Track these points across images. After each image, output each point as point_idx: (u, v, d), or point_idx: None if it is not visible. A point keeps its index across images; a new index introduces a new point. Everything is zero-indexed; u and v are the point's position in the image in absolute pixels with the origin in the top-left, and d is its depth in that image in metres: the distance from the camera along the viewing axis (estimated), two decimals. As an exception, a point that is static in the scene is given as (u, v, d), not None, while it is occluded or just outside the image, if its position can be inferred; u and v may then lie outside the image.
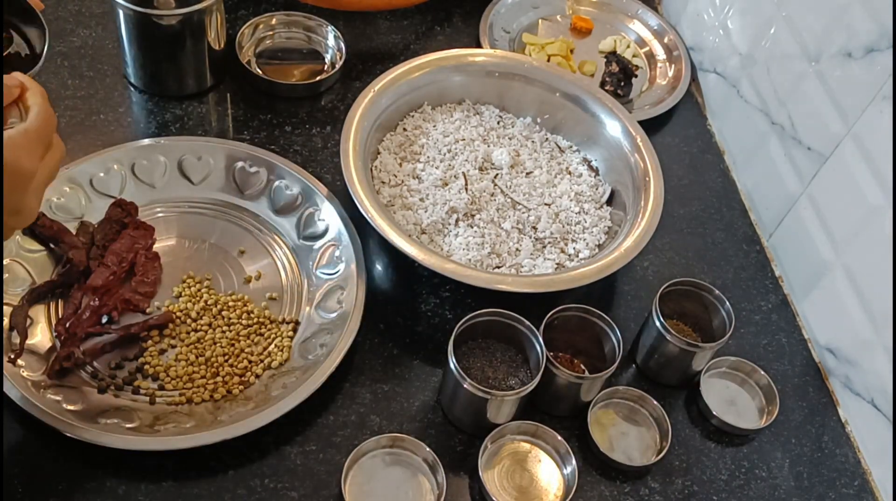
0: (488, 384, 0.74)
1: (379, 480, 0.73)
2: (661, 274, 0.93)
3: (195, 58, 0.97)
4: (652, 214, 0.87)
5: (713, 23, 1.09)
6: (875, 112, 0.80)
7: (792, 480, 0.80)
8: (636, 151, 0.93)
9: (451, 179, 0.91)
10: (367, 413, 0.78)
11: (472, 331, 0.77)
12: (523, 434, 0.77)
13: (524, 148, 0.97)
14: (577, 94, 0.98)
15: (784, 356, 0.89)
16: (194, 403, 0.75)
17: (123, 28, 0.93)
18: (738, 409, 0.83)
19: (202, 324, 0.80)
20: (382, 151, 0.94)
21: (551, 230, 0.89)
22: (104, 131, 0.94)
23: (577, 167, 0.97)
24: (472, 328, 0.76)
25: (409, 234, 0.85)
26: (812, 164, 0.89)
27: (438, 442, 0.76)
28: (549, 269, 0.87)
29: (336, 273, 0.84)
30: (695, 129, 1.09)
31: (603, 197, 0.94)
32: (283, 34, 1.08)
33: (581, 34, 1.18)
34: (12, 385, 0.71)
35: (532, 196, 0.92)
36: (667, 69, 1.14)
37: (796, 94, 0.92)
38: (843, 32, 0.84)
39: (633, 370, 0.85)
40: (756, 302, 0.93)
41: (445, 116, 0.98)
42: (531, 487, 0.75)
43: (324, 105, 1.02)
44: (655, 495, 0.77)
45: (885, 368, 0.79)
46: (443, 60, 0.97)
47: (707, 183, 1.03)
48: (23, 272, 0.80)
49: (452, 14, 1.15)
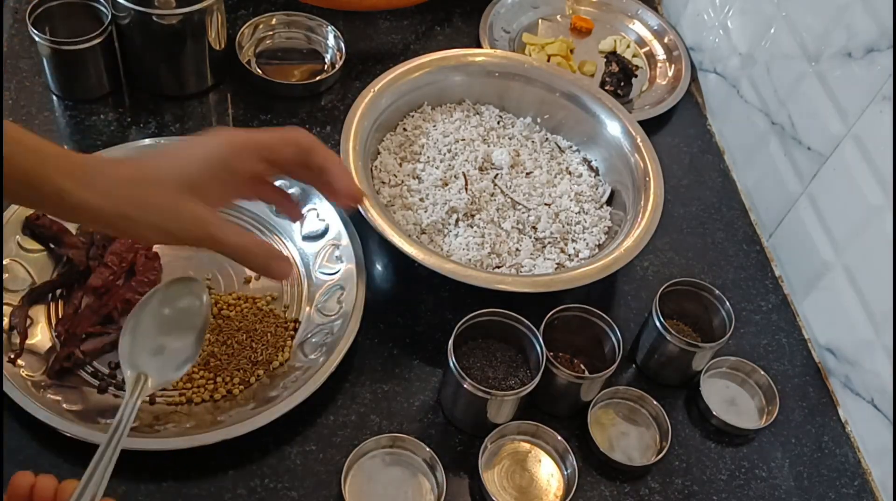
0: (488, 384, 0.74)
1: (379, 480, 0.73)
2: (661, 274, 0.93)
3: (195, 58, 0.97)
4: (652, 213, 0.87)
5: (713, 23, 1.09)
6: (875, 112, 0.80)
7: (792, 480, 0.80)
8: (636, 151, 0.93)
9: (451, 180, 0.91)
10: (367, 413, 0.78)
11: (472, 331, 0.77)
12: (523, 434, 0.77)
13: (524, 148, 0.97)
14: (577, 94, 0.98)
15: (784, 356, 0.89)
16: (194, 403, 0.75)
17: (124, 29, 0.93)
18: (738, 409, 0.83)
19: (202, 324, 0.80)
20: (382, 151, 0.94)
21: (551, 230, 0.89)
22: (104, 131, 0.94)
23: (577, 167, 0.97)
24: (472, 327, 0.76)
25: (410, 234, 0.85)
26: (812, 164, 0.89)
27: (438, 442, 0.75)
28: (550, 269, 0.87)
29: (336, 273, 0.84)
30: (695, 129, 1.09)
31: (603, 197, 0.94)
32: (283, 34, 1.08)
33: (581, 34, 1.18)
34: (12, 385, 0.71)
35: (532, 196, 0.92)
36: (667, 69, 1.14)
37: (796, 94, 0.92)
38: (843, 32, 0.84)
39: (633, 370, 0.85)
40: (756, 302, 0.93)
41: (445, 116, 0.98)
42: (531, 487, 0.75)
43: (324, 105, 1.02)
44: (655, 495, 0.77)
45: (885, 368, 0.79)
46: (443, 60, 0.97)
47: (707, 183, 1.03)
48: (23, 272, 0.80)
49: (452, 14, 1.15)
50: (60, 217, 0.77)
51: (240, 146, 0.67)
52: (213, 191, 0.66)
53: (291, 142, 0.69)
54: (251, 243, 0.67)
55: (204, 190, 0.65)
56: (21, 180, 0.60)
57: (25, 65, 0.99)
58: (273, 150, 0.69)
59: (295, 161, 0.70)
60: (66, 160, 0.62)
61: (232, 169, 0.67)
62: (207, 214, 0.65)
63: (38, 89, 0.97)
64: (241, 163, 0.67)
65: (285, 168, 0.70)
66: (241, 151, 0.67)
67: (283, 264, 0.68)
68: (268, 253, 0.68)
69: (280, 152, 0.69)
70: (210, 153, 0.66)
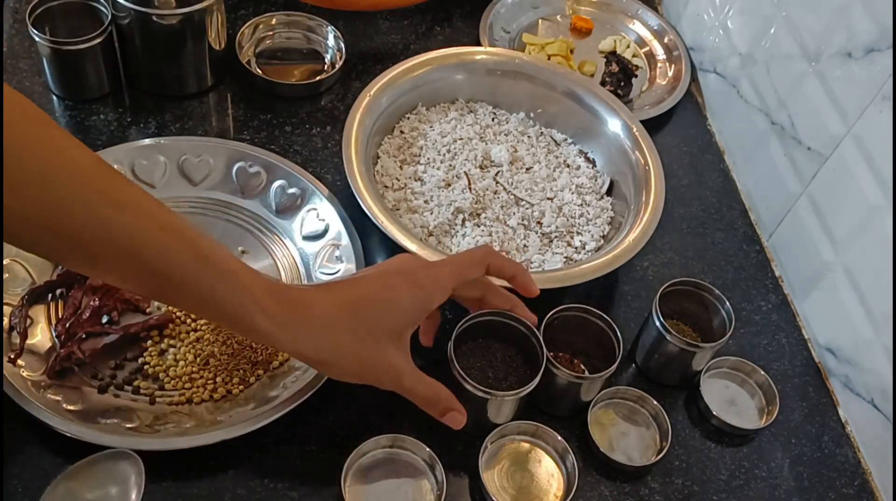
0: (488, 384, 0.74)
1: (379, 480, 0.73)
2: (661, 274, 0.93)
3: (195, 58, 0.97)
4: (655, 204, 0.88)
5: (713, 23, 1.09)
6: (875, 112, 0.80)
7: (792, 480, 0.80)
8: (632, 140, 0.94)
9: (453, 180, 0.91)
10: (367, 413, 0.78)
11: (472, 331, 0.77)
12: (523, 434, 0.77)
13: (521, 143, 0.97)
14: (570, 87, 0.98)
15: (784, 356, 0.89)
16: (194, 403, 0.75)
17: (124, 29, 0.93)
18: (738, 409, 0.83)
19: (202, 324, 0.80)
20: (382, 155, 0.94)
21: (556, 225, 0.89)
22: (104, 131, 0.94)
23: (574, 160, 0.97)
24: (472, 327, 0.76)
25: (419, 237, 0.85)
26: (812, 164, 0.89)
27: (438, 442, 0.75)
28: (559, 264, 0.87)
29: (336, 273, 0.84)
30: (695, 129, 1.09)
31: (602, 188, 0.95)
32: (283, 34, 1.08)
33: (581, 34, 1.18)
34: (12, 385, 0.71)
35: (534, 191, 0.92)
36: (667, 69, 1.14)
37: (796, 94, 0.92)
38: (843, 32, 0.84)
39: (633, 370, 0.85)
40: (756, 302, 0.93)
41: (440, 116, 0.98)
42: (531, 487, 0.75)
43: (324, 105, 1.02)
44: (655, 495, 0.77)
45: (885, 368, 0.79)
46: (433, 62, 0.97)
47: (707, 183, 1.03)
48: (23, 272, 0.80)
49: (452, 14, 1.15)
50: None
51: (442, 289, 0.69)
52: (412, 332, 0.69)
53: (478, 262, 0.72)
54: (438, 395, 0.70)
55: (407, 337, 0.68)
56: (210, 306, 0.59)
57: (25, 65, 0.99)
58: (462, 277, 0.71)
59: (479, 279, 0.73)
60: (269, 298, 0.61)
61: (431, 310, 0.70)
62: (404, 364, 0.67)
63: (38, 89, 0.97)
64: (440, 301, 0.70)
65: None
66: (443, 295, 0.69)
67: (459, 417, 0.70)
68: (448, 403, 0.70)
69: (468, 276, 0.72)
70: (422, 304, 0.68)
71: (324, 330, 0.64)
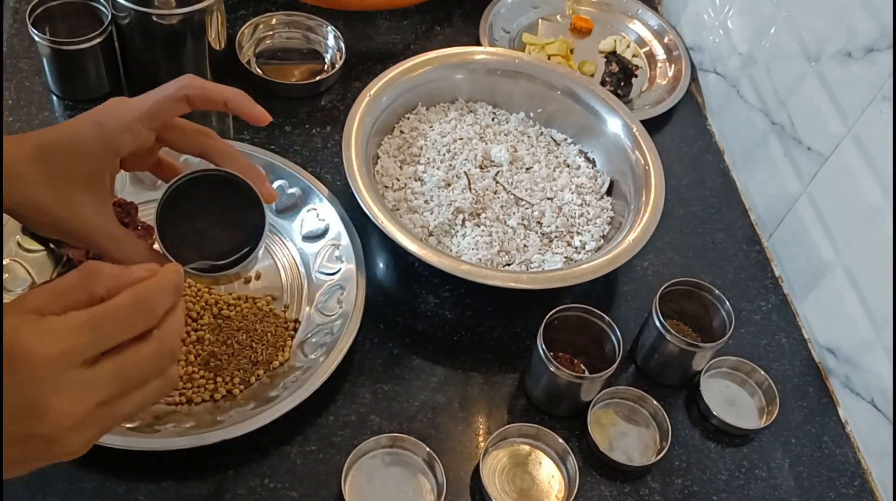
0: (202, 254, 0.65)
1: (379, 480, 0.73)
2: (661, 274, 0.93)
3: (195, 58, 0.97)
4: (655, 203, 0.88)
5: (713, 23, 1.09)
6: (875, 112, 0.80)
7: (792, 480, 0.80)
8: (632, 139, 0.94)
9: (453, 180, 0.91)
10: (367, 413, 0.78)
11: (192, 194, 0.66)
12: (524, 437, 0.77)
13: (521, 143, 0.97)
14: (570, 87, 0.98)
15: (784, 356, 0.89)
16: (194, 403, 0.75)
17: (124, 29, 0.93)
18: (738, 409, 0.83)
19: (202, 324, 0.80)
20: (382, 155, 0.94)
21: (556, 225, 0.89)
22: (104, 131, 0.94)
23: (574, 159, 0.97)
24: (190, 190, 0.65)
25: (419, 237, 0.85)
26: (812, 164, 0.89)
27: (438, 442, 0.75)
28: (559, 263, 0.87)
29: (336, 273, 0.84)
30: (695, 129, 1.09)
31: (602, 187, 0.95)
32: (283, 34, 1.08)
33: (581, 34, 1.18)
34: (12, 385, 0.71)
35: (534, 191, 0.92)
36: (667, 69, 1.14)
37: (796, 94, 0.92)
38: (843, 32, 0.84)
39: (633, 370, 0.85)
40: (756, 302, 0.93)
41: (440, 116, 0.98)
42: (532, 489, 0.75)
43: (324, 105, 1.02)
44: (655, 495, 0.77)
45: (885, 368, 0.79)
46: (433, 61, 0.97)
47: (707, 183, 1.03)
48: (23, 272, 0.80)
49: (452, 14, 1.15)
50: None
51: (129, 130, 0.61)
52: (108, 181, 0.62)
53: (172, 95, 0.62)
54: (130, 258, 0.61)
55: (104, 186, 0.61)
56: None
57: (25, 65, 0.99)
58: (157, 117, 0.62)
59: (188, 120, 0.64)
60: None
61: (121, 153, 0.61)
62: (95, 218, 0.61)
63: (38, 89, 0.97)
64: (131, 144, 0.61)
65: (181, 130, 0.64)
66: (133, 137, 0.61)
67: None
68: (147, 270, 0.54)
69: (165, 116, 0.62)
70: (108, 147, 0.61)
71: (13, 180, 0.58)
